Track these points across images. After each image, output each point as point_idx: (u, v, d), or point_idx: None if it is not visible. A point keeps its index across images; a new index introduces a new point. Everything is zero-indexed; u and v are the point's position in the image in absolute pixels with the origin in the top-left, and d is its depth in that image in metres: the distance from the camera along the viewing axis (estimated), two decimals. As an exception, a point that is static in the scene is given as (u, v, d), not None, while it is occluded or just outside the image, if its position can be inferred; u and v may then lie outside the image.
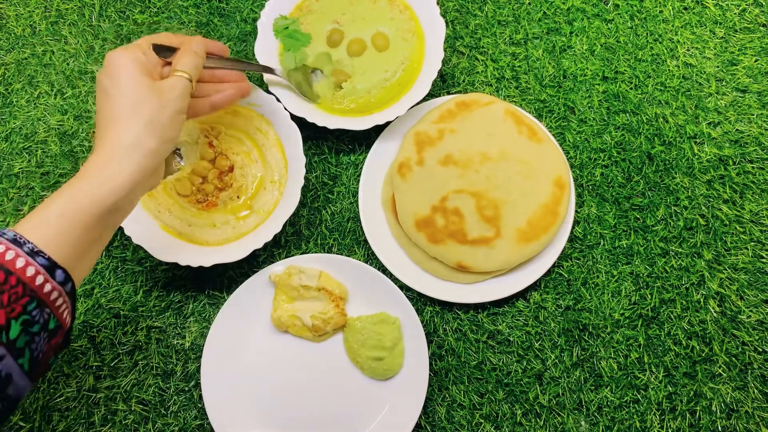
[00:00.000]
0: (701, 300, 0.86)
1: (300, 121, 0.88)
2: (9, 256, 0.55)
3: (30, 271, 0.55)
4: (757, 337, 0.84)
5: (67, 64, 0.99)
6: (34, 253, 0.56)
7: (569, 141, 0.93)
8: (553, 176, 0.87)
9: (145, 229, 0.86)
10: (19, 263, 0.55)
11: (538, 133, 0.89)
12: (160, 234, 0.86)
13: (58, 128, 0.96)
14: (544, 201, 0.86)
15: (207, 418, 0.82)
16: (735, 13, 0.99)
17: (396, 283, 0.85)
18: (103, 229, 0.62)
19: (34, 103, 0.97)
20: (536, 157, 0.87)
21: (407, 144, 0.88)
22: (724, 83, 0.95)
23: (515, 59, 0.98)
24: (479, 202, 0.86)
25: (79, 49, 1.00)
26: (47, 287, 0.56)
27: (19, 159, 0.94)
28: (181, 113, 0.68)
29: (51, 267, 0.57)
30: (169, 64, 0.72)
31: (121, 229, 0.87)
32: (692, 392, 0.83)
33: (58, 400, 0.84)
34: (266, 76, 0.90)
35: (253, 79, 0.95)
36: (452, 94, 0.94)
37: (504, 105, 0.90)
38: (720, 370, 0.83)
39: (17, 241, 0.56)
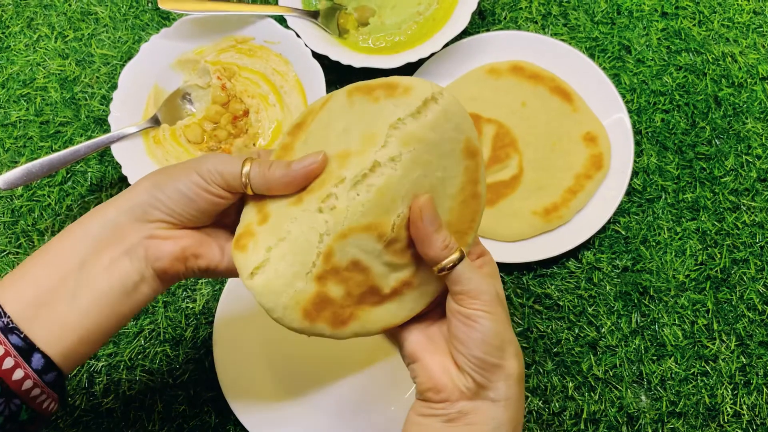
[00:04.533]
0: (779, 260, 0.76)
1: (322, 61, 0.79)
2: None
3: None
4: None
5: (69, 5, 0.91)
6: (8, 329, 0.46)
7: (625, 83, 0.83)
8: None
9: (151, 179, 0.77)
10: None
11: (376, 88, 0.49)
12: (167, 185, 0.78)
13: (58, 74, 0.88)
14: (459, 184, 0.48)
15: (220, 389, 0.74)
16: (813, -60, 0.88)
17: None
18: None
19: (34, 47, 0.89)
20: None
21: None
22: (801, 18, 0.85)
23: (563, -6, 0.88)
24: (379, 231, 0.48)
25: (81, -11, 0.92)
26: (18, 374, 0.45)
27: (17, 107, 0.86)
28: (199, 189, 0.49)
29: (27, 350, 0.46)
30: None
31: (125, 180, 0.78)
32: (770, 364, 0.73)
33: (56, 367, 0.76)
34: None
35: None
36: (492, 32, 0.84)
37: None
38: (802, 339, 0.73)
39: None
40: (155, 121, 0.80)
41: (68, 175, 0.83)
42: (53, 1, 0.91)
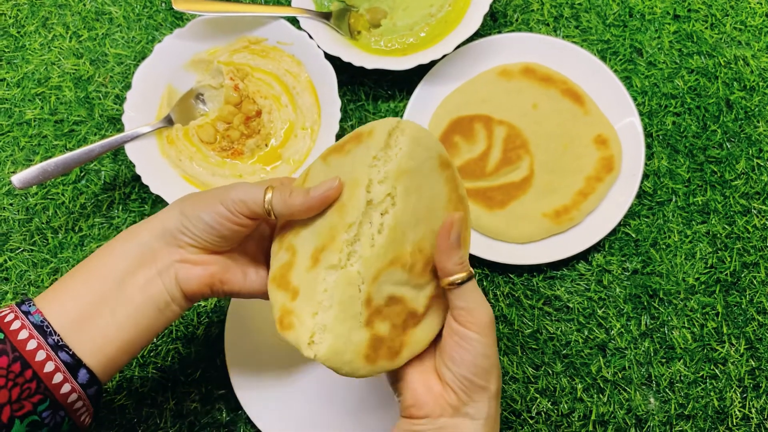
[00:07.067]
0: (789, 264, 0.75)
1: (334, 63, 0.80)
2: (30, 345, 0.50)
3: (48, 367, 0.50)
4: None
5: (84, 4, 0.92)
6: (58, 346, 0.51)
7: (637, 86, 0.83)
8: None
9: (165, 178, 0.78)
10: (39, 356, 0.50)
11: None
12: (181, 184, 0.78)
13: (73, 73, 0.88)
14: (446, 195, 0.53)
15: (231, 387, 0.74)
16: (827, -57, 0.87)
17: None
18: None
19: (48, 47, 0.90)
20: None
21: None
22: (814, 21, 0.84)
23: (575, -4, 0.87)
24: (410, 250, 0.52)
25: (96, -11, 0.92)
26: (65, 388, 0.51)
27: (32, 105, 0.87)
28: (223, 218, 0.53)
29: (74, 365, 0.51)
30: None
31: (138, 179, 0.79)
32: (779, 368, 0.73)
33: (69, 364, 0.77)
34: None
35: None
36: (503, 33, 0.84)
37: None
38: (812, 343, 0.73)
39: (43, 329, 0.51)
40: (168, 121, 0.80)
41: (82, 174, 0.84)
42: (68, 1, 0.92)
